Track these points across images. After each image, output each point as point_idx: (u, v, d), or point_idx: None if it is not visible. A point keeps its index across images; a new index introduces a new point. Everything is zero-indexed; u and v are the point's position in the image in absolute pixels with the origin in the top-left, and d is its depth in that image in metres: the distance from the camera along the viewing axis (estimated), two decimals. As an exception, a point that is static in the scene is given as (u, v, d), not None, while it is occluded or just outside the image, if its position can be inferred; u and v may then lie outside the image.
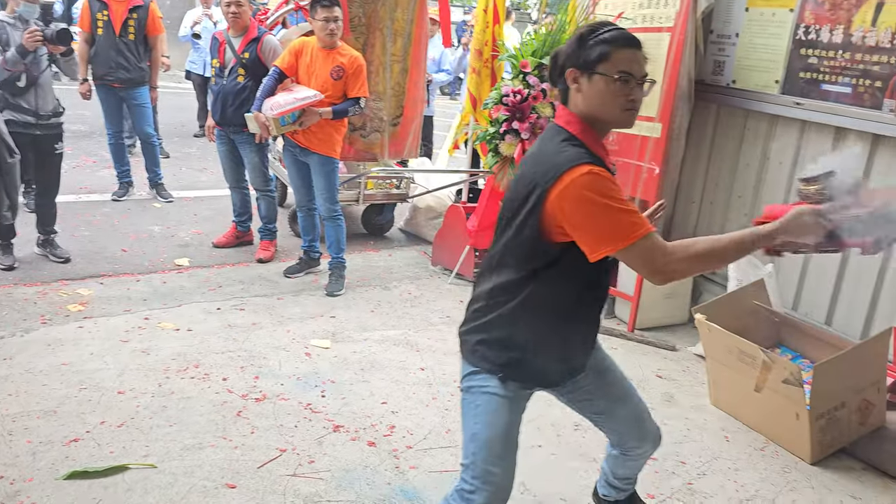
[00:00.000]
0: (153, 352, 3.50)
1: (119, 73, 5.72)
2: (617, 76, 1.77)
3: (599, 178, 1.72)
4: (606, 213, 1.71)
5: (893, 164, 3.50)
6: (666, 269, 1.74)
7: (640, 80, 1.81)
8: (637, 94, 1.81)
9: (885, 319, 3.57)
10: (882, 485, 2.95)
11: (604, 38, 1.79)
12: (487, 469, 1.92)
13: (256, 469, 2.68)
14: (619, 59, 1.78)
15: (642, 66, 1.82)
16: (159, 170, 6.25)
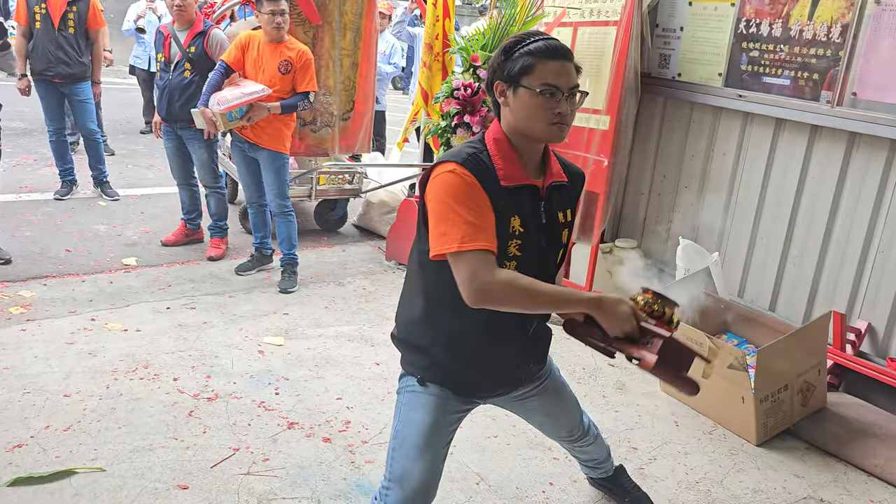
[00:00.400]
0: (100, 353, 3.42)
1: (59, 67, 5.55)
2: (540, 89, 1.71)
3: (457, 178, 1.69)
4: (448, 215, 1.68)
5: (830, 153, 3.62)
6: (484, 288, 1.64)
7: (567, 93, 1.73)
8: (564, 108, 1.73)
9: (825, 304, 3.69)
10: (823, 463, 3.05)
11: (528, 49, 1.73)
12: (403, 467, 1.89)
13: (209, 469, 2.65)
14: (544, 71, 1.71)
15: (570, 78, 1.74)
16: (104, 167, 6.09)
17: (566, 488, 2.74)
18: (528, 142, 1.80)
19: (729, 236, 4.17)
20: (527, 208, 1.80)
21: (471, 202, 1.69)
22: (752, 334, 3.63)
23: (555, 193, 1.87)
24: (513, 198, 1.77)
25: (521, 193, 1.79)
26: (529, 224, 1.80)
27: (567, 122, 1.75)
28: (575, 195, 1.94)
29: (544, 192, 1.84)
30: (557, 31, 4.49)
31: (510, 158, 1.79)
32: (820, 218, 3.69)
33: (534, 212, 1.82)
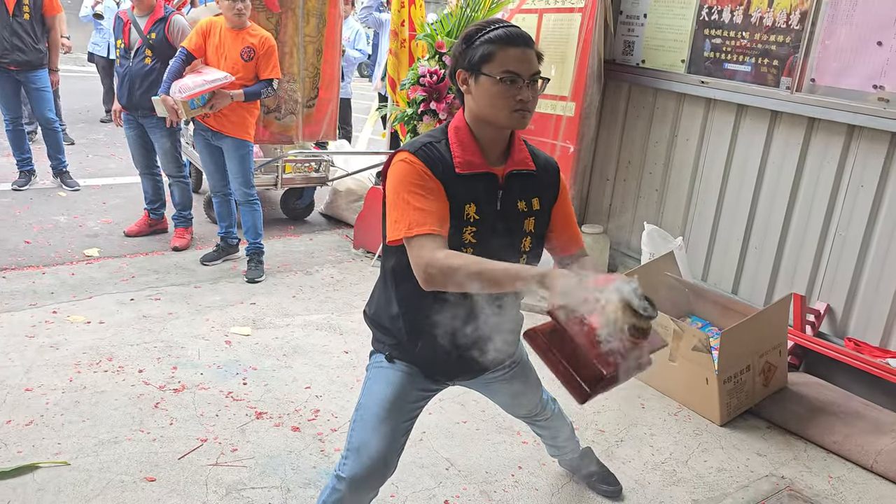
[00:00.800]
0: (63, 346, 3.36)
1: (14, 55, 5.36)
2: (501, 77, 1.70)
3: (406, 167, 1.73)
4: (398, 203, 1.72)
5: (789, 138, 3.69)
6: (428, 269, 1.63)
7: (528, 80, 1.72)
8: (526, 95, 1.73)
9: (785, 286, 3.77)
10: (784, 441, 3.13)
11: (489, 37, 1.73)
12: (361, 437, 1.89)
13: (177, 460, 2.63)
14: (505, 58, 1.71)
15: (531, 65, 1.73)
16: (63, 157, 5.93)
17: (535, 471, 2.77)
18: (492, 129, 1.80)
19: (693, 221, 4.23)
20: (483, 196, 1.80)
21: (420, 189, 1.71)
22: (715, 317, 3.70)
23: (516, 181, 1.85)
24: (468, 185, 1.78)
25: (478, 181, 1.79)
26: (485, 212, 1.80)
27: (529, 108, 1.75)
28: (547, 185, 1.92)
29: (503, 181, 1.83)
30: (522, 17, 4.50)
31: (469, 147, 1.79)
32: (780, 202, 3.77)
33: (490, 199, 1.81)
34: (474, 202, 1.78)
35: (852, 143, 3.45)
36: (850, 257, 3.50)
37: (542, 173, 1.91)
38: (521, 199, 1.86)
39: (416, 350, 1.93)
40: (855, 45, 3.35)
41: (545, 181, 1.91)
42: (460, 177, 1.76)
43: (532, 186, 1.88)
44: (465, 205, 1.77)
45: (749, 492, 2.76)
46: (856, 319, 3.53)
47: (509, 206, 1.84)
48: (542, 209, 1.90)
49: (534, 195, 1.88)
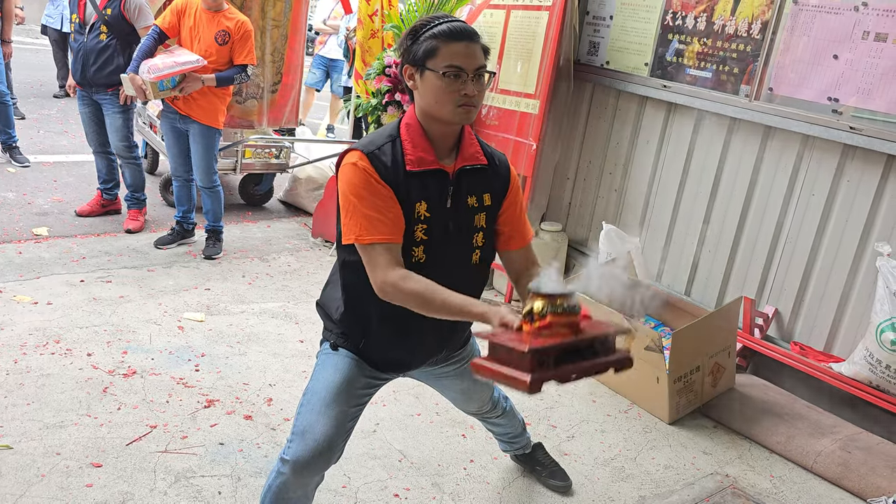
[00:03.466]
0: (7, 326, 3.26)
1: None
2: (444, 71, 1.71)
3: (358, 171, 1.75)
4: (349, 207, 1.76)
5: (747, 144, 3.77)
6: (381, 287, 1.73)
7: (473, 74, 1.73)
8: (471, 89, 1.73)
9: (736, 289, 3.86)
10: (730, 441, 3.21)
11: (433, 32, 1.74)
12: (307, 420, 1.90)
13: (124, 447, 2.58)
14: (449, 53, 1.72)
15: (475, 59, 1.74)
16: (13, 131, 5.74)
17: (486, 465, 2.79)
18: (439, 125, 1.81)
19: (650, 222, 4.30)
20: (434, 193, 1.82)
21: (369, 196, 1.74)
22: (668, 317, 3.77)
23: (466, 177, 1.87)
24: (419, 182, 1.79)
25: (428, 178, 1.81)
26: (435, 209, 1.82)
27: (474, 103, 1.76)
28: (498, 180, 1.93)
29: (453, 177, 1.84)
30: (490, 12, 4.51)
31: (420, 143, 1.81)
32: (735, 207, 3.85)
33: (441, 196, 1.83)
34: (425, 200, 1.80)
35: (805, 152, 3.54)
36: (799, 264, 3.60)
37: (492, 168, 1.92)
38: (472, 194, 1.87)
39: (360, 343, 1.96)
40: (812, 58, 3.44)
41: (496, 176, 1.93)
42: (411, 174, 1.78)
43: (483, 181, 1.89)
44: (416, 203, 1.79)
45: (694, 489, 2.83)
46: (802, 324, 3.63)
47: (460, 202, 1.85)
48: (493, 204, 1.91)
49: (485, 190, 1.90)
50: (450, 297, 1.67)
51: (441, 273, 1.77)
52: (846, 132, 3.31)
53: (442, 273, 1.77)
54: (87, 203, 4.95)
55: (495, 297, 4.50)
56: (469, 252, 1.90)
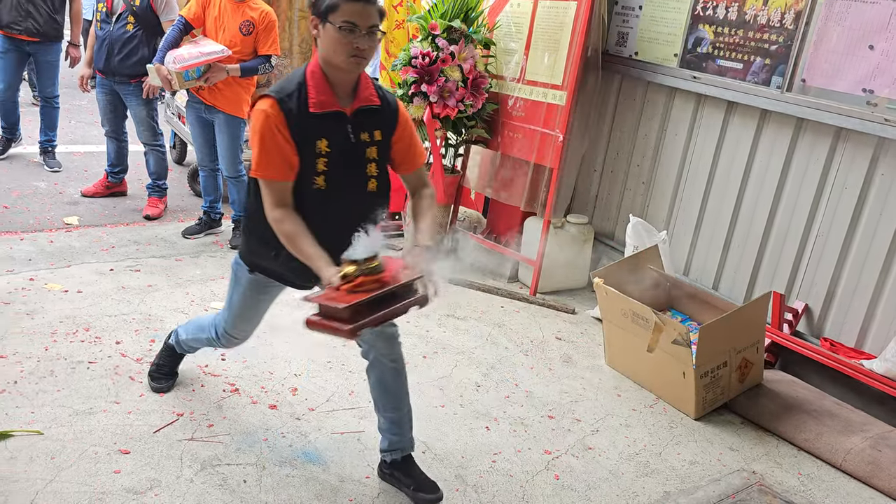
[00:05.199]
0: (39, 314, 3.32)
1: (28, 22, 5.05)
2: (340, 25, 1.99)
3: (265, 116, 2.05)
4: (255, 141, 2.07)
5: (778, 136, 3.71)
6: (269, 218, 2.10)
7: (365, 31, 2.02)
8: (363, 43, 2.02)
9: (765, 284, 3.80)
10: (757, 437, 3.17)
11: None
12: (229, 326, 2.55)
13: (152, 434, 2.61)
14: (346, 10, 1.99)
15: (369, 18, 2.02)
16: (55, 135, 5.62)
17: (510, 458, 2.79)
18: (336, 71, 2.09)
19: (677, 215, 4.25)
20: (333, 131, 2.12)
21: (271, 139, 2.05)
22: (695, 311, 3.73)
23: (362, 116, 2.16)
24: (321, 122, 2.09)
25: (329, 118, 2.11)
26: (335, 145, 2.12)
27: (365, 56, 2.05)
28: (388, 118, 2.22)
29: (351, 116, 2.14)
30: (518, 3, 4.47)
31: (322, 88, 2.10)
32: (765, 200, 3.79)
33: (340, 134, 2.13)
34: (325, 137, 2.11)
35: (839, 144, 3.47)
36: (831, 258, 3.53)
37: (384, 108, 2.21)
38: (365, 130, 2.18)
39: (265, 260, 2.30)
40: (846, 48, 3.36)
41: (386, 115, 2.22)
42: (314, 115, 2.08)
43: (375, 120, 2.20)
44: (317, 140, 2.10)
45: (720, 485, 2.80)
46: (832, 320, 3.57)
47: (356, 137, 2.16)
48: (384, 140, 2.22)
49: (376, 127, 2.20)
50: (306, 247, 2.04)
51: (340, 198, 2.16)
52: (881, 124, 3.24)
53: (340, 198, 2.16)
54: (93, 184, 5.08)
55: (520, 289, 4.48)
56: (364, 181, 2.21)
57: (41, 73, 5.46)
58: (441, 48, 4.24)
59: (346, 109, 2.14)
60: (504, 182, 4.66)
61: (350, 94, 2.15)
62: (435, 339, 3.66)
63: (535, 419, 3.08)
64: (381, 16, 2.07)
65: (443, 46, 4.24)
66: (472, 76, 4.34)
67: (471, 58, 4.32)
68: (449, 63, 4.26)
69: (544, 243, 4.31)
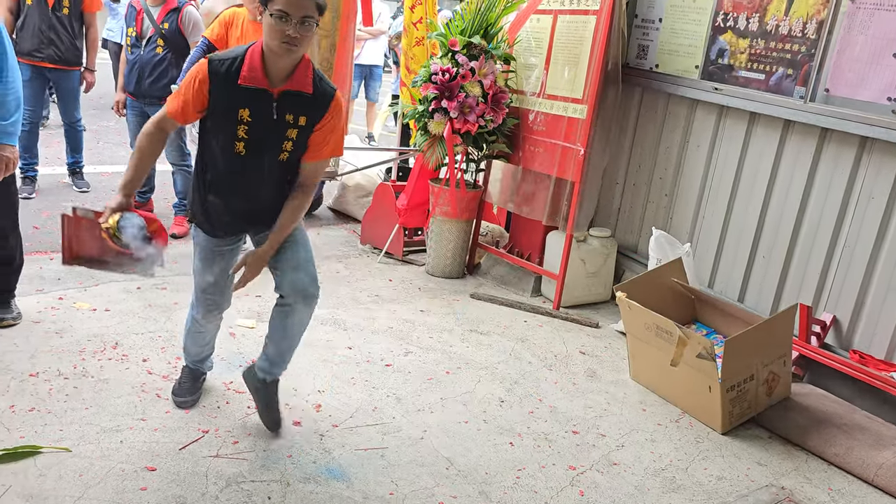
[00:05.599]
0: (67, 333, 3.37)
1: (50, 50, 5.08)
2: (273, 13, 2.22)
3: (197, 69, 2.35)
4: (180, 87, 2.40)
5: (802, 147, 3.67)
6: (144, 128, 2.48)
7: (298, 21, 2.22)
8: (294, 31, 2.23)
9: (792, 296, 3.76)
10: (786, 452, 3.12)
11: None
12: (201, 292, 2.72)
13: (177, 451, 2.63)
14: (281, 0, 2.22)
15: (302, 9, 2.22)
16: (81, 157, 5.71)
17: (534, 474, 2.77)
18: (272, 55, 2.30)
19: (701, 228, 4.22)
20: (256, 104, 2.35)
21: (188, 85, 2.36)
22: (720, 324, 3.69)
23: (289, 98, 2.37)
24: (246, 94, 2.34)
25: (254, 92, 2.34)
26: (256, 116, 2.36)
27: (296, 43, 2.25)
28: (317, 108, 2.42)
29: (277, 96, 2.36)
30: (537, 17, 4.49)
31: (255, 66, 2.32)
32: (790, 211, 3.75)
33: (263, 109, 2.36)
34: (248, 108, 2.35)
35: (864, 154, 3.43)
36: (858, 269, 3.48)
37: (316, 98, 2.41)
38: (290, 112, 2.39)
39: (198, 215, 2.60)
40: (871, 57, 3.33)
41: (316, 105, 2.42)
42: (240, 87, 2.33)
43: (302, 106, 2.40)
44: (240, 108, 2.35)
45: (748, 501, 2.75)
46: (862, 332, 3.51)
47: (280, 116, 2.38)
48: (307, 126, 2.43)
49: (301, 113, 2.40)
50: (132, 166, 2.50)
51: (255, 163, 2.44)
52: (907, 133, 3.19)
53: (256, 163, 2.44)
54: None
55: (543, 303, 4.47)
56: (278, 153, 2.45)
57: (63, 99, 5.51)
58: (461, 64, 4.27)
59: (274, 90, 2.35)
60: (526, 196, 4.67)
61: (283, 77, 2.36)
62: (458, 354, 3.66)
63: (560, 434, 3.06)
64: (319, 8, 2.28)
65: (463, 62, 4.26)
66: (493, 91, 4.36)
67: (491, 73, 4.34)
68: (469, 79, 4.28)
69: (567, 257, 4.30)
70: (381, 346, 3.65)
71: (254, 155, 2.43)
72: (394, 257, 4.97)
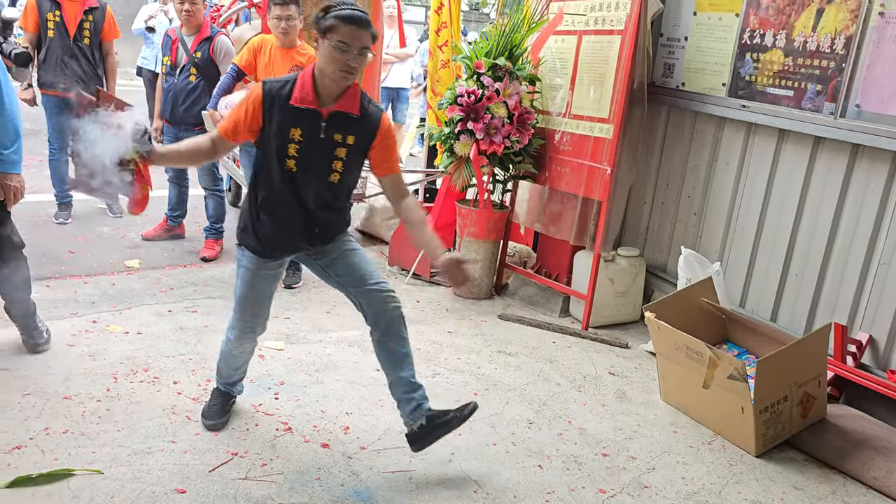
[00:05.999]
0: (101, 356, 3.43)
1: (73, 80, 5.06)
2: (335, 44, 2.35)
3: (251, 92, 2.51)
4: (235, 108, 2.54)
5: (833, 164, 3.62)
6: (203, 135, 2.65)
7: (356, 51, 2.36)
8: (353, 61, 2.38)
9: (826, 315, 3.68)
10: (822, 475, 3.04)
11: (336, 13, 2.37)
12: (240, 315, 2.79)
13: (207, 473, 2.65)
14: (341, 31, 2.34)
15: (360, 40, 2.37)
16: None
17: (564, 497, 2.74)
18: (326, 79, 2.44)
19: (731, 246, 4.17)
20: (307, 124, 2.47)
21: (243, 105, 2.50)
22: (752, 344, 3.63)
23: (338, 119, 2.49)
24: (297, 114, 2.46)
25: (305, 112, 2.46)
26: (306, 135, 2.48)
27: (353, 71, 2.40)
28: (365, 129, 2.54)
29: (326, 116, 2.47)
30: (562, 38, 4.50)
31: (306, 89, 2.46)
32: (822, 229, 3.69)
33: (313, 128, 2.48)
34: (299, 127, 2.47)
35: (898, 170, 3.37)
36: (894, 287, 3.40)
37: (364, 119, 2.53)
38: (339, 132, 2.51)
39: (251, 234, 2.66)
40: (902, 71, 3.28)
41: (364, 125, 2.54)
42: (292, 107, 2.46)
43: (351, 126, 2.52)
44: (292, 127, 2.47)
45: (784, 527, 2.69)
46: (900, 351, 3.43)
47: (328, 135, 2.50)
48: (356, 145, 2.55)
49: (350, 133, 2.52)
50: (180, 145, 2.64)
51: (305, 180, 2.54)
52: (942, 148, 3.13)
53: (306, 180, 2.54)
54: (153, 227, 5.27)
55: (572, 323, 4.44)
56: (328, 173, 2.56)
57: None
58: (486, 86, 4.29)
59: (324, 110, 2.47)
60: (553, 216, 4.65)
61: (333, 99, 2.48)
62: (486, 375, 3.65)
63: (589, 457, 3.03)
64: (374, 39, 2.42)
65: (488, 84, 4.29)
66: (518, 112, 4.38)
67: (516, 94, 4.36)
68: (494, 100, 4.31)
69: (595, 277, 4.27)
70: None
71: (304, 173, 2.53)
72: (421, 278, 4.98)
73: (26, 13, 5.02)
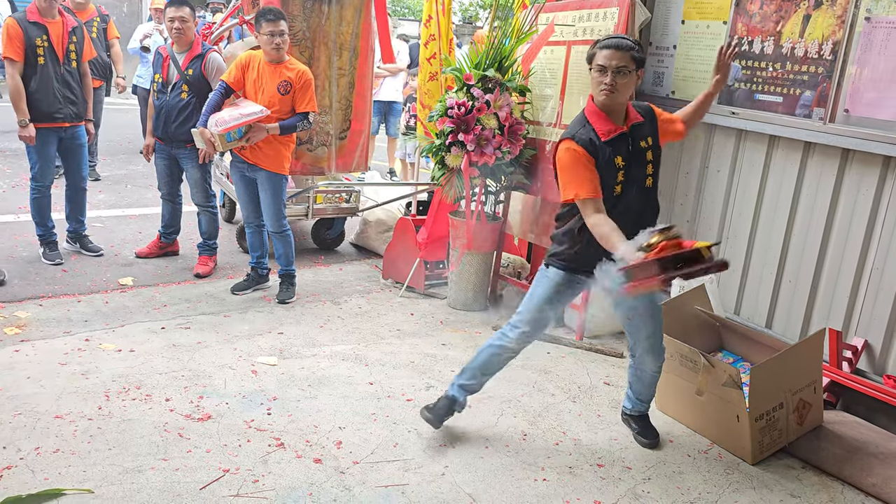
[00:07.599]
0: (93, 374, 3.41)
1: (68, 108, 4.79)
2: (593, 67, 2.72)
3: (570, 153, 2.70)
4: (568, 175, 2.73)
5: (824, 169, 3.62)
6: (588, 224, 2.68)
7: (613, 70, 2.66)
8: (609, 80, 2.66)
9: (821, 321, 3.67)
10: (820, 483, 3.02)
11: (597, 43, 2.73)
12: (529, 314, 2.97)
13: (198, 490, 2.63)
14: (599, 56, 2.70)
15: (616, 61, 2.66)
16: (84, 219, 5.22)
17: (559, 509, 2.71)
18: (603, 105, 2.73)
19: (724, 253, 4.16)
20: (622, 147, 2.74)
21: (582, 166, 2.68)
22: (747, 352, 3.61)
23: (636, 130, 2.79)
24: (612, 145, 2.72)
25: (617, 139, 2.73)
26: (626, 156, 2.75)
27: (613, 90, 2.68)
28: (652, 125, 2.86)
29: (629, 132, 2.76)
30: (551, 49, 4.52)
31: (603, 121, 2.73)
32: (814, 234, 3.68)
33: (626, 147, 2.75)
34: (619, 154, 2.73)
35: (889, 174, 3.37)
36: (889, 291, 3.39)
37: (646, 119, 2.84)
38: (642, 139, 2.81)
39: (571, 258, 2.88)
40: (890, 75, 3.28)
41: (649, 122, 2.85)
42: (606, 141, 2.70)
43: (644, 130, 2.82)
44: (615, 157, 2.72)
45: (782, 535, 2.66)
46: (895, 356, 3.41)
47: (637, 146, 2.79)
48: (654, 141, 2.86)
49: (647, 135, 2.83)
50: (616, 241, 2.49)
51: (629, 196, 2.78)
52: (931, 151, 3.13)
53: (629, 196, 2.78)
54: (147, 245, 5.26)
55: (566, 333, 4.42)
56: (644, 178, 2.84)
57: (75, 157, 5.01)
58: (476, 97, 4.30)
59: (625, 129, 2.75)
60: (546, 227, 4.65)
61: (623, 117, 2.78)
62: (480, 387, 3.62)
63: (585, 468, 3.00)
64: (636, 61, 2.68)
65: (478, 96, 4.30)
66: (509, 123, 4.38)
67: (506, 105, 4.36)
68: (485, 112, 4.31)
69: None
70: (402, 380, 3.63)
71: (627, 189, 2.78)
72: (416, 291, 4.97)
73: (10, 40, 4.53)
